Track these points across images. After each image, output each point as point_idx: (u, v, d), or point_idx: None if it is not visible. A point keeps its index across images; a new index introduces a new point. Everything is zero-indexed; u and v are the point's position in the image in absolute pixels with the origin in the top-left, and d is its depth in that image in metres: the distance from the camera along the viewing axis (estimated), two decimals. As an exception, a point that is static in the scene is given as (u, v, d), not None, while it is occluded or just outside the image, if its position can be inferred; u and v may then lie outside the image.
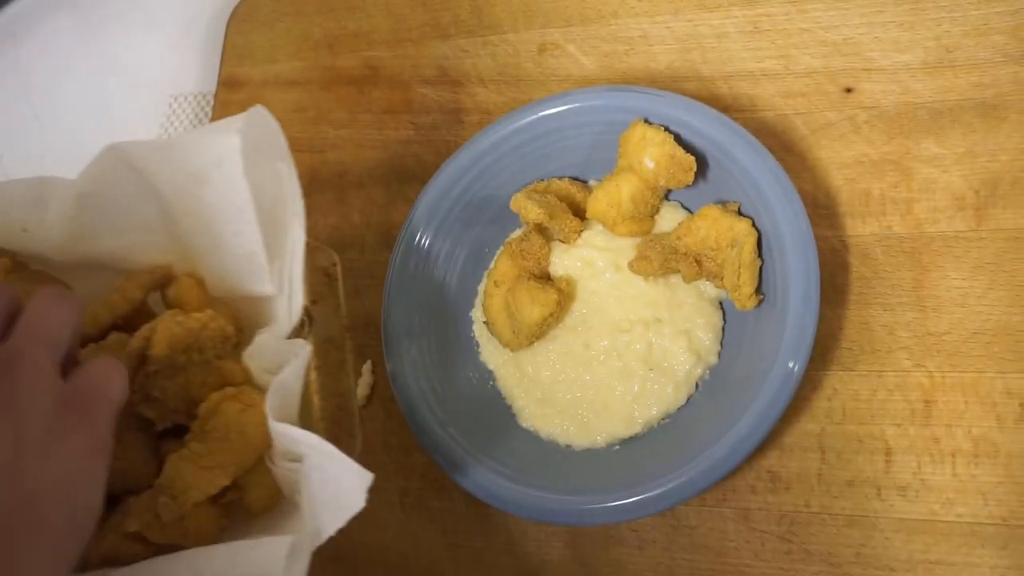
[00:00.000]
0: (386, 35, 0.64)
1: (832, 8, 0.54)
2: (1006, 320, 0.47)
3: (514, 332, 0.51)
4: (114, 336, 0.44)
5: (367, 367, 0.57)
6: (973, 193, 0.49)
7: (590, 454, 0.50)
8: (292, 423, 0.41)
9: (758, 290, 0.48)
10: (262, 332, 0.43)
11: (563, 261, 0.52)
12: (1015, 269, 0.47)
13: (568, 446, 0.50)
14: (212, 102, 0.68)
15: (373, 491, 0.55)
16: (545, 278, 0.53)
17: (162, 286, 0.46)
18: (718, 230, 0.48)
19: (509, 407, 0.52)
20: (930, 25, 0.52)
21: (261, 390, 0.43)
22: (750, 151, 0.48)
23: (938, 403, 0.46)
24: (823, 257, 0.48)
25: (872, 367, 0.48)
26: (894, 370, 0.48)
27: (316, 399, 0.49)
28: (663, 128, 0.49)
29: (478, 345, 0.54)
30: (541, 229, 0.53)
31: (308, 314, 0.45)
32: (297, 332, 0.44)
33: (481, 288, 0.55)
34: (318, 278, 0.52)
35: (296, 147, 0.64)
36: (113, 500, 0.43)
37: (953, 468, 0.46)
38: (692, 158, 0.49)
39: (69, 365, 0.38)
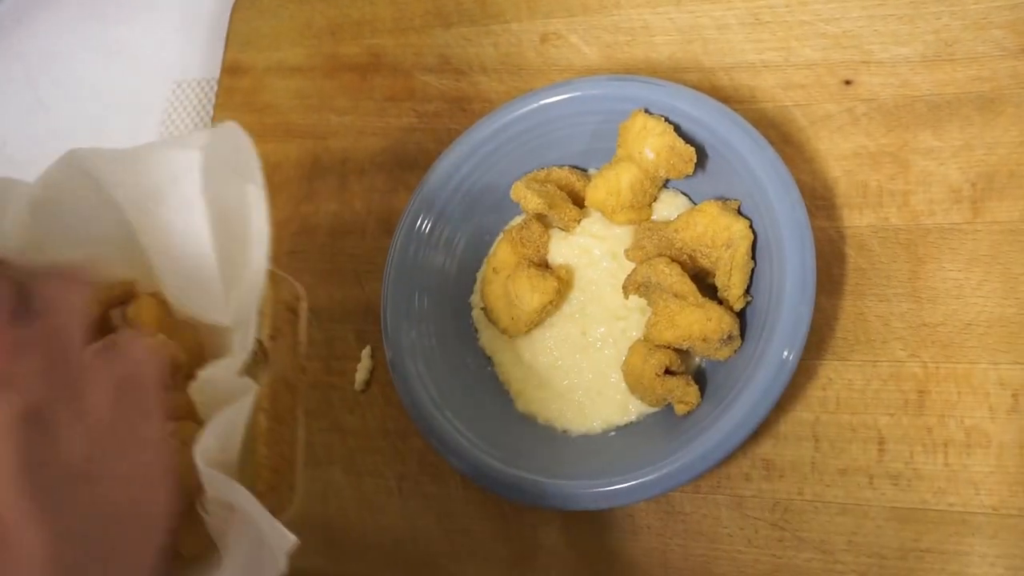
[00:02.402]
0: (389, 23, 0.65)
1: (833, 1, 0.54)
2: (1000, 312, 0.47)
3: (513, 319, 0.52)
4: None
5: (366, 352, 0.58)
6: (970, 186, 0.49)
7: (586, 440, 0.50)
8: (231, 468, 0.38)
9: (748, 291, 0.48)
10: (211, 365, 0.40)
11: (561, 249, 0.53)
12: (1010, 261, 0.47)
13: (564, 431, 0.51)
14: (215, 88, 0.69)
15: (370, 476, 0.56)
16: (543, 266, 0.53)
17: (123, 303, 0.43)
18: (715, 228, 0.48)
19: (506, 392, 0.53)
20: (929, 19, 0.52)
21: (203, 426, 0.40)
22: (749, 142, 0.48)
23: (931, 393, 0.47)
24: (820, 247, 0.48)
25: (867, 357, 0.48)
26: (888, 360, 0.48)
27: (262, 447, 0.46)
28: (663, 119, 0.49)
29: (476, 331, 0.55)
30: (540, 217, 0.53)
31: (263, 349, 0.43)
32: (250, 368, 0.41)
33: (480, 275, 0.55)
34: (279, 312, 0.48)
35: (298, 134, 0.65)
36: None
37: (945, 458, 0.46)
38: (692, 149, 0.49)
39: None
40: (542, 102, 0.52)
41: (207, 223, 0.39)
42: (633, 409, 0.50)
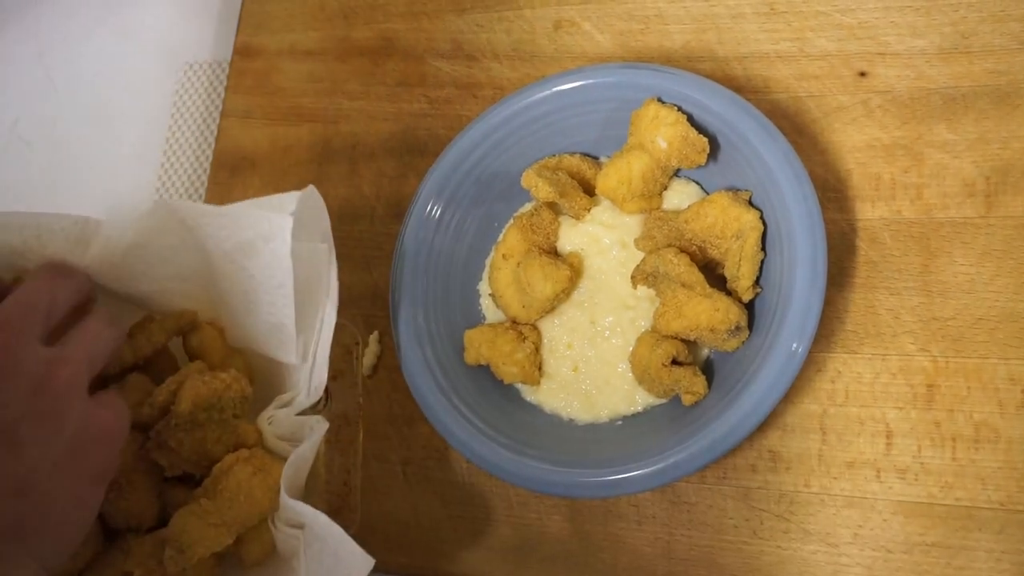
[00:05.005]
0: (402, 8, 0.65)
1: (849, -9, 0.54)
2: (1012, 307, 0.47)
3: (523, 306, 0.51)
4: (133, 377, 0.46)
5: (374, 337, 0.58)
6: (983, 180, 0.49)
7: (592, 429, 0.50)
8: (299, 491, 0.43)
9: (757, 283, 0.48)
10: (282, 403, 0.46)
11: (571, 237, 0.53)
12: (1023, 256, 0.47)
13: (570, 420, 0.51)
14: (227, 71, 0.69)
15: (376, 460, 0.56)
16: (553, 253, 0.53)
17: (185, 332, 0.48)
18: (725, 219, 0.48)
19: (514, 380, 0.53)
20: (947, 11, 0.52)
21: (272, 453, 0.46)
22: (762, 132, 0.48)
23: (940, 388, 0.47)
24: (831, 240, 0.48)
25: (876, 350, 0.48)
26: (898, 354, 0.48)
27: (323, 471, 0.52)
28: (676, 108, 0.49)
29: (484, 318, 0.54)
30: (551, 205, 0.53)
31: (327, 390, 0.47)
32: (314, 405, 0.46)
33: (489, 261, 0.55)
34: (339, 355, 0.54)
35: (309, 117, 0.65)
36: (112, 534, 0.46)
37: (953, 452, 0.46)
38: (705, 139, 0.49)
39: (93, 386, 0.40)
40: (554, 89, 0.52)
41: (291, 278, 0.44)
42: (640, 400, 0.50)
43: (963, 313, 0.47)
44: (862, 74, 0.52)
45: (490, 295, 0.54)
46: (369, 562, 0.41)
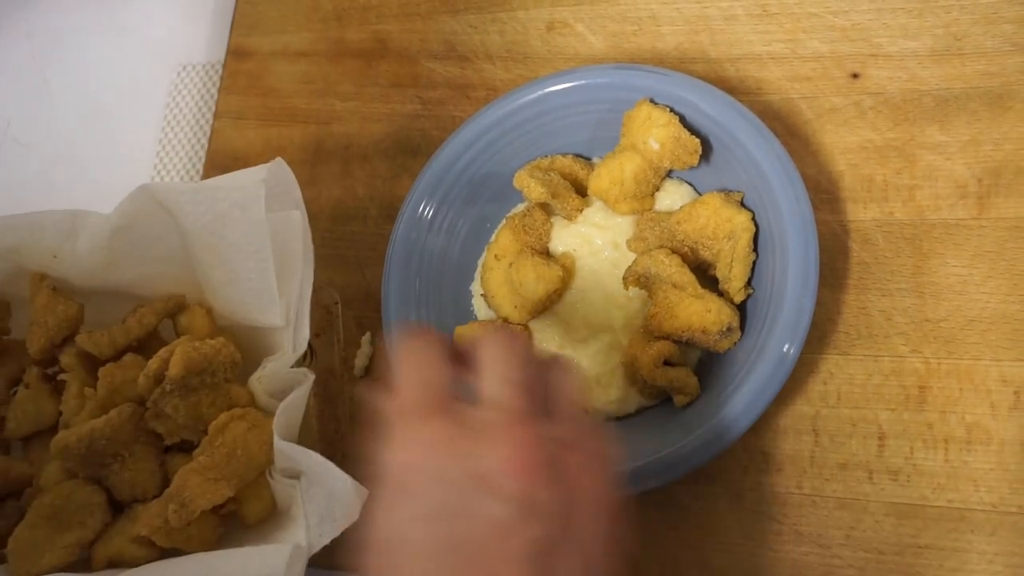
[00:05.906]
0: (395, 9, 0.64)
1: (842, -7, 0.54)
2: (1003, 308, 0.47)
3: (515, 306, 0.51)
4: (129, 357, 0.48)
5: (366, 338, 0.57)
6: (976, 181, 0.49)
7: (584, 429, 0.50)
8: (293, 442, 0.45)
9: (749, 284, 0.48)
10: (270, 360, 0.48)
11: (563, 238, 0.52)
12: (1014, 258, 0.47)
13: (563, 421, 0.50)
14: (220, 72, 0.68)
15: (368, 461, 0.56)
16: (545, 254, 0.53)
17: (174, 314, 0.50)
18: (717, 220, 0.48)
19: (506, 381, 0.52)
20: (939, 12, 0.52)
21: (265, 412, 0.47)
22: (755, 134, 0.48)
23: (933, 389, 0.47)
24: (823, 241, 0.48)
25: (868, 352, 0.48)
26: (890, 355, 0.48)
27: (314, 423, 0.54)
28: (668, 109, 0.49)
29: (476, 318, 0.54)
30: (543, 205, 0.53)
31: (311, 347, 0.49)
32: (300, 362, 0.48)
33: (481, 262, 0.55)
34: (320, 315, 0.57)
35: (302, 119, 0.65)
36: (119, 506, 0.47)
37: (945, 454, 0.46)
38: (697, 140, 0.49)
39: None
40: (547, 90, 0.52)
41: (268, 242, 0.46)
42: (632, 401, 0.50)
43: (955, 314, 0.47)
44: (854, 76, 0.52)
45: (482, 295, 0.54)
46: (363, 492, 0.41)
